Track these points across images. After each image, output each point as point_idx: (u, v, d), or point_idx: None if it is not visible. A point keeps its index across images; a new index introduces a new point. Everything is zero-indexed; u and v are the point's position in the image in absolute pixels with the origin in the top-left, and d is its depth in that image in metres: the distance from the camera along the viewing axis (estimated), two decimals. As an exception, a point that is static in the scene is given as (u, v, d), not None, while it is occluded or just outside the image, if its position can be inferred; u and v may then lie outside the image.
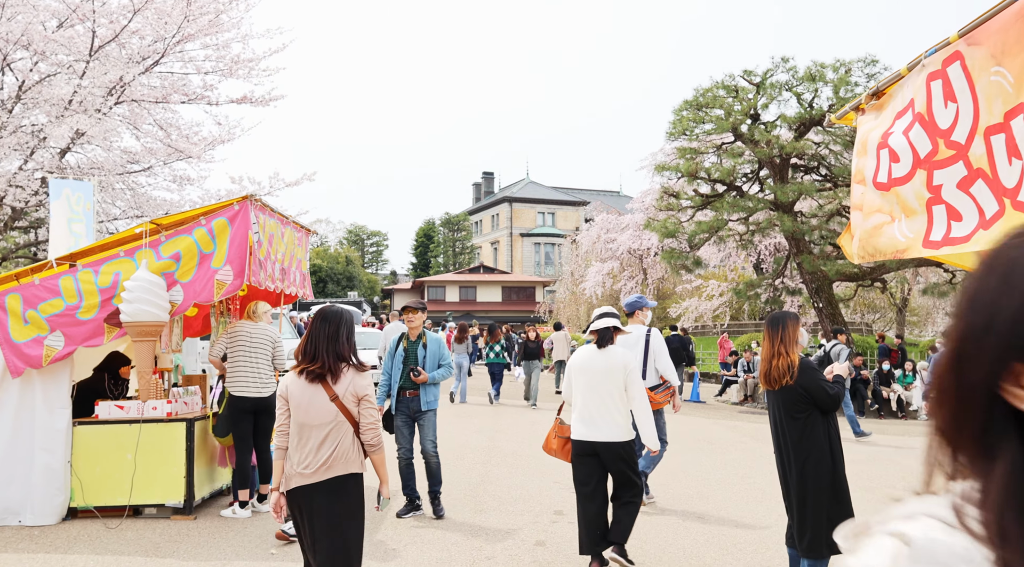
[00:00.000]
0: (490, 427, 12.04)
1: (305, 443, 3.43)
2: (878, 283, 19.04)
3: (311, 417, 3.42)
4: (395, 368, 6.44)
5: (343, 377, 3.46)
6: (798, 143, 16.82)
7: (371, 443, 3.53)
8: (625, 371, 4.79)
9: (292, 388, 3.47)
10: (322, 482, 3.40)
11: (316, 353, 3.47)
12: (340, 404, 3.43)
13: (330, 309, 3.60)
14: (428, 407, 6.47)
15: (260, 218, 6.33)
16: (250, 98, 17.48)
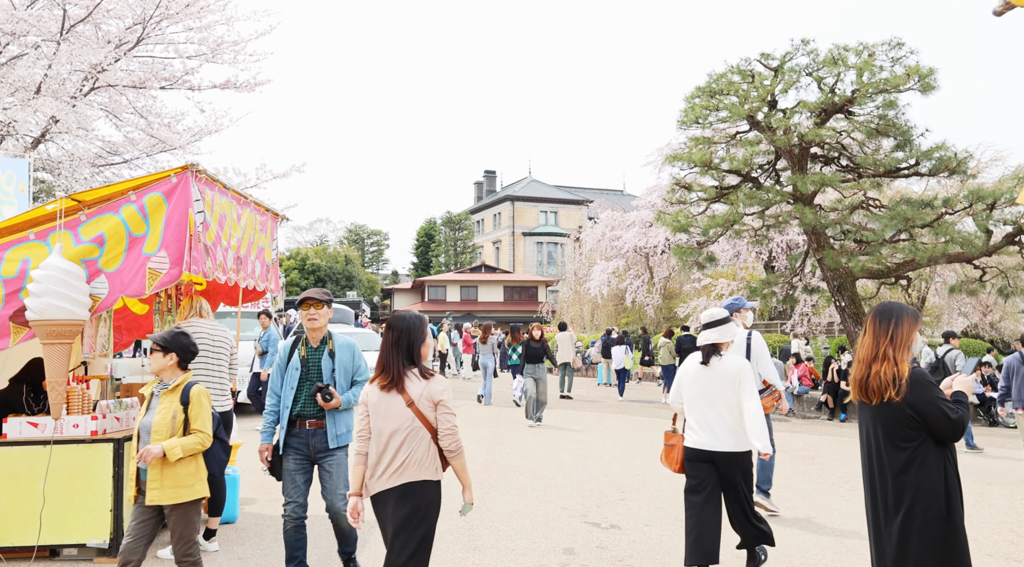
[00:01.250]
0: (489, 437, 10.94)
1: (382, 448, 3.47)
2: (902, 280, 17.88)
3: (388, 423, 3.45)
4: (287, 386, 4.59)
5: (416, 382, 3.48)
6: (820, 130, 15.69)
7: (450, 448, 3.49)
8: (740, 378, 4.66)
9: (371, 395, 3.55)
10: (396, 487, 3.42)
11: (386, 362, 3.53)
12: (416, 410, 3.45)
13: (395, 317, 3.65)
14: (339, 443, 4.55)
15: (207, 195, 5.23)
16: (234, 83, 16.39)
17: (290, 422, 4.56)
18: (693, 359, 4.87)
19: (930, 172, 15.94)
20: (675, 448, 4.92)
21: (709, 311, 4.86)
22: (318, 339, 4.70)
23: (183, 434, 4.00)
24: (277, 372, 4.69)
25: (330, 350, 4.68)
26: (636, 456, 9.69)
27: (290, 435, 4.57)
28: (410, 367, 3.52)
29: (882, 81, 15.65)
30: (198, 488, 4.03)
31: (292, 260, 58.08)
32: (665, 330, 18.34)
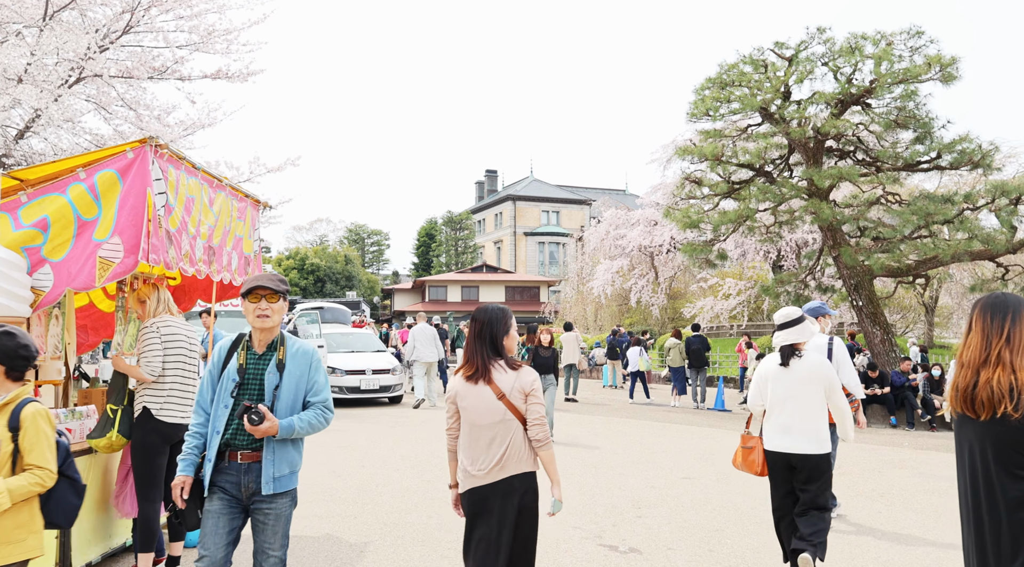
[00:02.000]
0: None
1: (476, 444, 3.41)
2: (920, 279, 17.20)
3: (479, 417, 3.41)
4: (219, 402, 3.42)
5: (505, 374, 3.43)
6: (837, 121, 15.01)
7: (538, 439, 3.42)
8: (824, 378, 4.61)
9: (460, 390, 3.49)
10: (496, 483, 3.36)
11: (471, 354, 3.50)
12: (507, 402, 3.39)
13: (478, 309, 3.57)
14: (276, 488, 3.36)
15: (171, 174, 4.58)
16: (225, 73, 15.71)
17: (219, 452, 3.37)
18: (772, 360, 4.76)
19: (951, 165, 15.27)
20: (755, 449, 4.84)
21: (784, 311, 4.72)
22: (265, 343, 3.48)
23: (11, 472, 2.96)
24: (208, 382, 3.50)
25: (279, 360, 3.44)
26: (650, 465, 9.01)
27: (218, 470, 3.38)
28: (496, 359, 3.47)
29: (902, 71, 14.99)
30: (30, 544, 3.03)
31: (291, 260, 57.47)
32: (673, 330, 17.66)
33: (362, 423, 12.31)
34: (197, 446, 3.44)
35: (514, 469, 3.37)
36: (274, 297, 3.45)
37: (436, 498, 7.03)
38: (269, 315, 3.43)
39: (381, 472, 8.23)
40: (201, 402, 3.51)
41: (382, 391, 14.72)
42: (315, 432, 3.45)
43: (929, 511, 7.05)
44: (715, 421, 13.95)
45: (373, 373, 14.61)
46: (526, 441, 3.43)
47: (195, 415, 3.50)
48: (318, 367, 3.53)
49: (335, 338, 15.69)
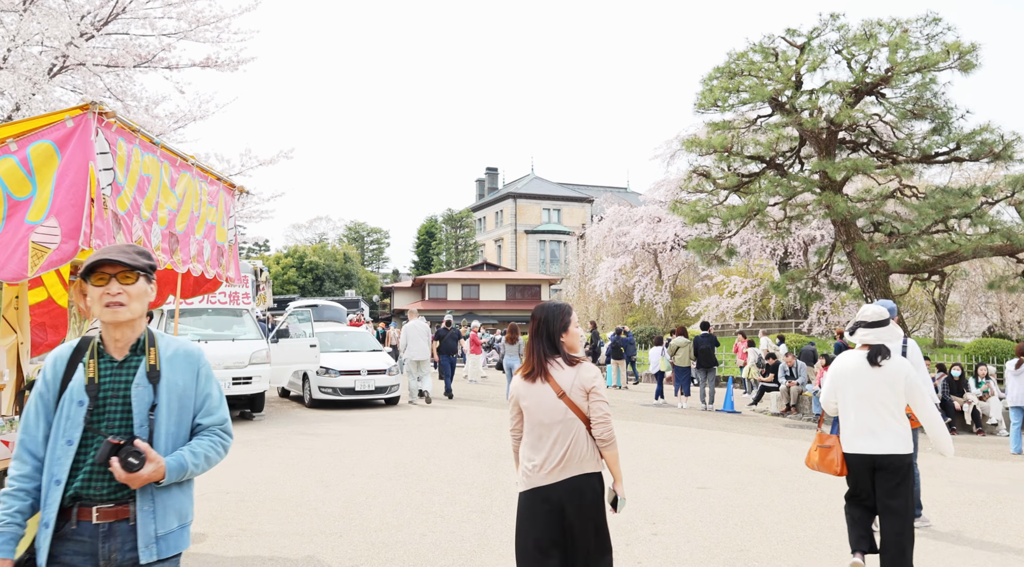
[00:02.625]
0: (492, 450, 9.66)
1: (538, 443, 3.36)
2: (936, 276, 16.59)
3: (541, 416, 3.35)
4: (58, 441, 2.38)
5: (564, 372, 3.35)
6: (852, 111, 14.40)
7: (602, 438, 3.33)
8: (905, 379, 4.48)
9: (520, 388, 3.44)
10: (558, 483, 3.30)
11: (529, 352, 3.46)
12: (568, 400, 3.32)
13: (537, 307, 3.51)
14: (165, 551, 2.41)
15: (122, 148, 3.98)
16: (215, 61, 15.09)
17: (62, 511, 2.33)
18: (852, 359, 4.60)
19: (971, 157, 14.67)
20: (833, 449, 4.67)
21: (873, 309, 4.57)
22: (125, 345, 2.46)
23: None
24: (36, 410, 2.42)
25: (149, 366, 2.43)
26: (662, 473, 8.41)
27: (62, 537, 2.32)
28: (554, 356, 3.40)
29: (919, 59, 14.37)
30: None
31: (290, 258, 56.89)
32: (677, 329, 17.03)
33: (356, 426, 11.72)
34: (21, 511, 2.32)
35: (576, 469, 3.29)
36: (129, 276, 2.41)
37: (431, 512, 6.43)
38: (124, 303, 2.39)
39: (372, 482, 7.63)
40: (26, 443, 2.37)
41: (378, 392, 14.12)
42: (211, 467, 2.49)
43: (972, 522, 6.45)
44: (725, 424, 13.34)
45: (368, 373, 14.00)
46: (589, 440, 3.34)
47: (16, 463, 2.36)
48: (208, 376, 2.54)
49: (329, 337, 15.08)
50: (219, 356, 11.66)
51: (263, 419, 12.40)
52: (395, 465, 8.54)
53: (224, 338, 12.09)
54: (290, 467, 8.35)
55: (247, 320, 12.63)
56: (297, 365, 13.29)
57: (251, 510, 6.46)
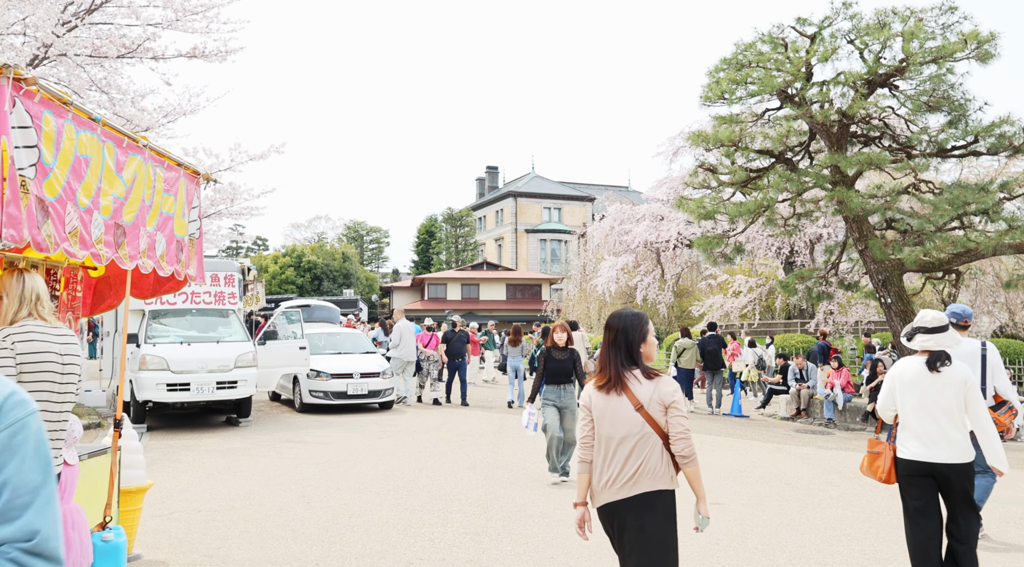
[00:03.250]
0: (488, 460, 9.08)
1: (610, 456, 3.25)
2: (950, 275, 16.00)
3: (615, 429, 3.25)
4: None
5: (642, 385, 3.24)
6: (866, 102, 13.81)
7: (683, 454, 3.20)
8: (965, 385, 4.29)
9: (594, 398, 3.33)
10: (629, 498, 3.19)
11: (604, 363, 3.35)
12: (646, 414, 3.21)
13: (612, 315, 3.42)
14: None
15: (50, 123, 3.41)
16: (202, 51, 14.53)
17: None
18: (911, 365, 4.41)
19: (989, 150, 14.08)
20: (881, 456, 4.54)
21: (934, 315, 4.38)
22: None
23: None
24: None
25: None
26: (670, 486, 7.82)
27: None
28: (631, 368, 3.31)
29: (935, 49, 13.79)
30: None
31: (288, 257, 56.37)
32: (681, 329, 16.43)
33: (347, 433, 11.14)
34: None
35: (648, 485, 3.19)
36: None
37: (420, 535, 5.84)
38: None
39: (359, 497, 7.05)
40: None
41: (371, 396, 13.53)
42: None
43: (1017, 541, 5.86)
44: (734, 429, 12.76)
45: (361, 377, 13.42)
46: (665, 456, 3.24)
47: None
48: (20, 446, 1.32)
49: (321, 339, 14.50)
50: (203, 359, 11.08)
51: (249, 425, 11.83)
52: (384, 477, 7.96)
53: (208, 340, 11.51)
54: (271, 480, 7.77)
55: (233, 321, 12.05)
56: (286, 368, 12.72)
57: (221, 532, 5.87)
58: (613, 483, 3.23)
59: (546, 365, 8.06)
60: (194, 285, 11.89)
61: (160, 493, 7.06)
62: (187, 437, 10.71)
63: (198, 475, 8.00)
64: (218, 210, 15.67)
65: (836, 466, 9.29)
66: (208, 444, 10.11)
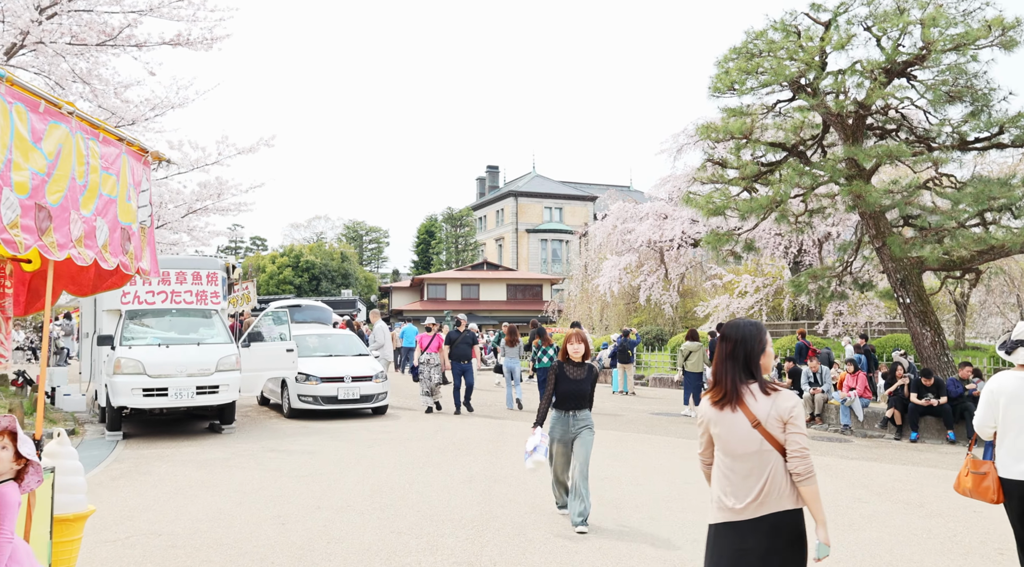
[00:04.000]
0: (486, 472, 8.39)
1: (730, 475, 3.11)
2: (969, 274, 15.31)
3: (733, 446, 3.09)
4: None
5: (759, 400, 3.05)
6: (884, 91, 13.12)
7: (798, 472, 3.01)
8: None
9: (710, 415, 3.18)
10: (755, 520, 3.01)
11: (719, 375, 3.17)
12: (764, 431, 3.03)
13: (728, 325, 3.23)
14: None
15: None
16: (186, 39, 13.85)
17: None
18: (1012, 379, 4.24)
19: (1014, 142, 13.41)
20: (988, 475, 4.32)
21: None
22: None
23: None
24: None
25: None
26: (684, 504, 7.13)
27: None
28: (748, 382, 3.10)
29: (956, 36, 13.10)
30: None
31: (286, 257, 55.73)
32: (688, 331, 15.72)
33: (335, 441, 10.45)
34: None
35: (775, 506, 3.02)
36: None
37: (405, 566, 5.15)
38: None
39: (340, 517, 6.36)
40: None
41: (363, 401, 12.84)
42: None
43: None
44: (746, 436, 12.06)
45: (353, 380, 12.73)
46: (788, 475, 3.06)
47: None
48: None
49: (311, 340, 13.81)
50: (182, 362, 10.40)
51: (232, 432, 11.14)
52: (371, 493, 7.27)
53: (188, 342, 10.81)
54: (246, 496, 7.08)
55: (216, 322, 11.36)
56: (272, 372, 12.02)
57: (180, 561, 5.18)
58: (735, 503, 3.07)
59: (557, 385, 6.24)
60: (174, 283, 11.25)
61: (120, 513, 6.38)
62: (164, 446, 10.02)
63: (167, 490, 7.31)
64: (204, 206, 14.99)
65: (861, 479, 8.59)
66: (185, 454, 9.42)
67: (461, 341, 13.90)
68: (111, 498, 6.94)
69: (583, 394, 6.22)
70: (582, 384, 6.22)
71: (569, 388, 6.20)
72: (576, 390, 6.19)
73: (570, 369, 6.25)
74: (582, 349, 6.33)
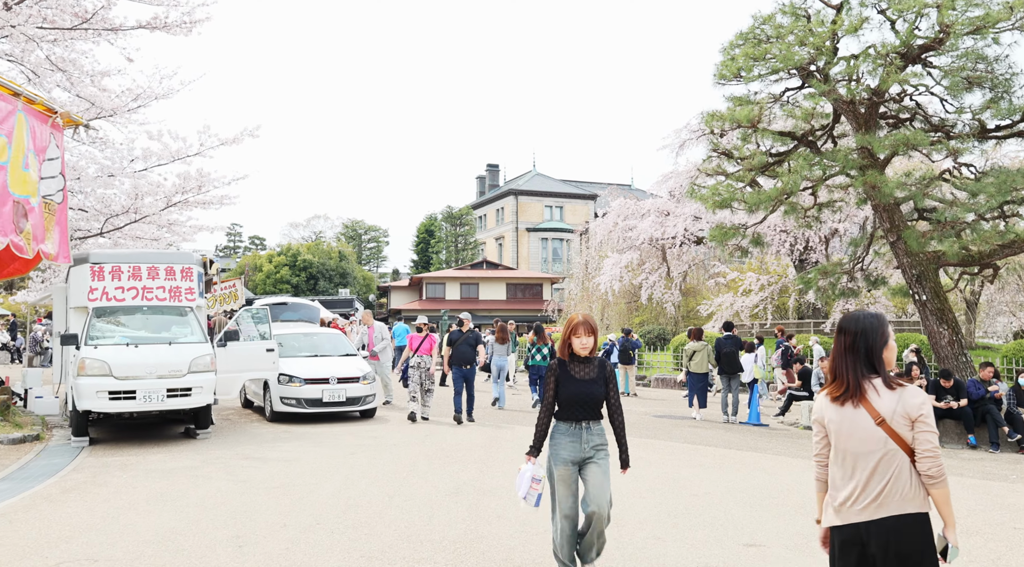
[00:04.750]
0: (475, 482, 7.68)
1: (850, 475, 2.97)
2: (986, 270, 14.58)
3: (854, 444, 2.95)
4: None
5: (883, 395, 2.91)
6: (899, 76, 12.40)
7: (929, 473, 2.86)
8: None
9: (827, 411, 3.05)
10: (874, 521, 2.88)
11: (838, 370, 3.03)
12: (888, 428, 2.89)
13: (847, 318, 3.09)
14: None
15: None
16: (163, 21, 13.16)
17: None
18: None
19: (1036, 131, 12.70)
20: None
21: None
22: None
23: None
24: None
25: None
26: (694, 519, 6.42)
27: None
28: (871, 376, 2.96)
29: (976, 18, 12.39)
30: None
31: (283, 256, 55.01)
32: (694, 331, 14.98)
33: (317, 447, 9.76)
34: None
35: (898, 508, 2.86)
36: None
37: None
38: None
39: (306, 538, 5.66)
40: None
41: (350, 404, 12.14)
42: None
43: None
44: (755, 441, 11.36)
45: (339, 382, 12.03)
46: (915, 475, 2.88)
47: None
48: None
49: (295, 340, 13.12)
50: (151, 363, 9.68)
51: (208, 438, 10.43)
52: (346, 508, 6.56)
53: (159, 341, 10.10)
54: (206, 512, 6.38)
55: (191, 321, 10.65)
56: (250, 373, 11.32)
57: (110, 595, 4.49)
58: (855, 503, 2.93)
59: (558, 388, 4.65)
60: (146, 279, 10.55)
61: (58, 533, 5.68)
62: (131, 453, 9.32)
63: (120, 505, 6.61)
64: (185, 199, 14.29)
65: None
66: (152, 462, 8.72)
67: (464, 342, 12.33)
68: (54, 515, 6.24)
69: (595, 398, 4.63)
70: (591, 387, 4.62)
71: (576, 391, 4.59)
72: (586, 393, 4.59)
73: (575, 367, 4.67)
74: (590, 342, 4.65)
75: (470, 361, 12.23)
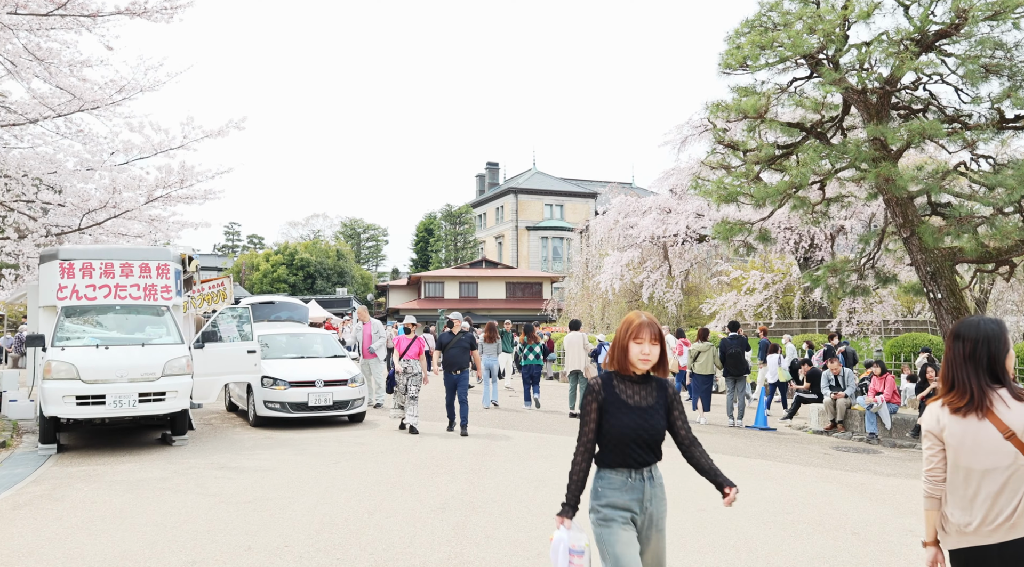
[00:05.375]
0: (463, 496, 7.10)
1: (972, 493, 2.75)
2: (1004, 267, 13.99)
3: (978, 461, 2.73)
4: None
5: (1011, 407, 2.70)
6: (913, 63, 11.81)
7: None
8: None
9: (947, 424, 2.81)
10: (1005, 543, 2.68)
11: (958, 379, 2.80)
12: (1019, 442, 2.68)
13: (965, 325, 2.87)
14: None
15: None
16: (142, 7, 12.57)
17: None
18: None
19: (1058, 121, 12.10)
20: None
21: None
22: None
23: None
24: None
25: None
26: (700, 536, 5.84)
27: None
28: (995, 386, 2.76)
29: (994, 2, 11.80)
30: None
31: (280, 255, 54.48)
32: (699, 331, 14.42)
33: (298, 455, 9.18)
34: None
35: None
36: None
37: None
38: None
39: (271, 562, 5.08)
40: None
41: (337, 408, 11.56)
42: None
43: None
44: (763, 447, 10.78)
45: (325, 385, 11.45)
46: None
47: None
48: None
49: (280, 341, 12.54)
50: (122, 366, 9.10)
51: (185, 445, 9.85)
52: (320, 527, 5.98)
53: (132, 343, 9.52)
54: (166, 531, 5.80)
55: (167, 321, 10.07)
56: (230, 375, 10.75)
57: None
58: (982, 524, 2.72)
59: (604, 421, 3.23)
60: (119, 276, 9.97)
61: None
62: (100, 462, 8.74)
63: (73, 524, 6.03)
64: (167, 193, 13.71)
65: (905, 502, 7.30)
66: (120, 472, 8.15)
67: (455, 345, 11.20)
68: (-4, 536, 5.67)
69: (657, 434, 3.28)
70: (652, 415, 3.25)
71: (631, 424, 3.20)
72: (645, 427, 3.22)
73: (626, 387, 3.25)
74: (655, 355, 3.23)
75: (461, 366, 11.18)
